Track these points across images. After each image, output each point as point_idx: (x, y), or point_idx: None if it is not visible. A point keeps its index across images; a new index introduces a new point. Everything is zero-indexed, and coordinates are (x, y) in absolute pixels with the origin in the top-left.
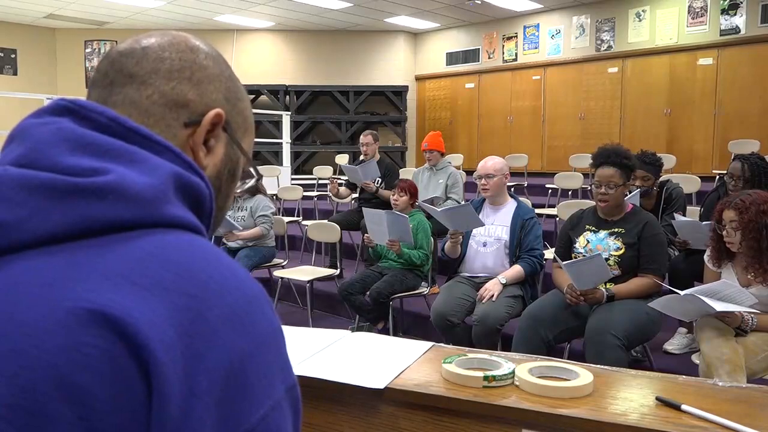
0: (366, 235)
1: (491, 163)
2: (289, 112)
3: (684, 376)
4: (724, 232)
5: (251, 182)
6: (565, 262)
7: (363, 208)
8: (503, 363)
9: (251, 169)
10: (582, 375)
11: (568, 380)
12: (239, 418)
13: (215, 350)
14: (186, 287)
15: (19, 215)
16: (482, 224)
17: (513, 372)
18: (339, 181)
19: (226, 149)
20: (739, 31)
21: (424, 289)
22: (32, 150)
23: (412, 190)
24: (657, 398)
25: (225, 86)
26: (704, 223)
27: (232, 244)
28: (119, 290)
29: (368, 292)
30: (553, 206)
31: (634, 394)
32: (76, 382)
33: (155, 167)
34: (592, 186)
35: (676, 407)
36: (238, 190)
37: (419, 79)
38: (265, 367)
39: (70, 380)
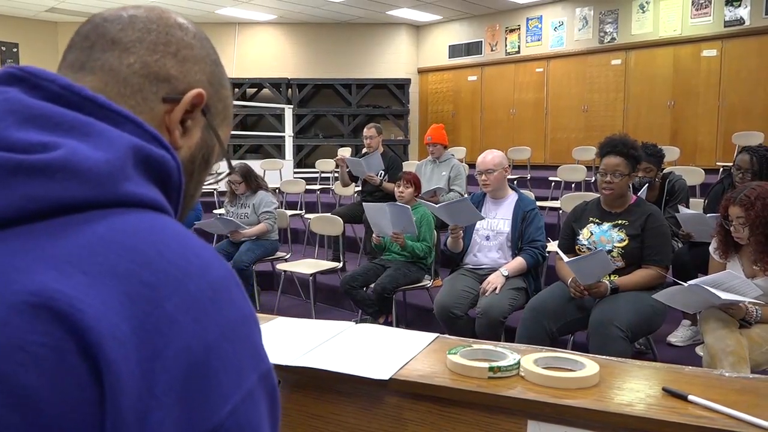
0: (374, 235)
1: (490, 157)
2: (292, 106)
3: (690, 367)
4: (732, 228)
5: (223, 175)
6: (567, 260)
7: (363, 203)
8: (508, 354)
9: (226, 162)
10: (588, 365)
11: (574, 371)
12: (206, 414)
13: (174, 344)
14: (142, 275)
15: None
16: (482, 218)
17: (518, 363)
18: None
19: (202, 133)
20: (744, 23)
21: (427, 282)
22: None
23: (416, 183)
24: (664, 389)
25: (210, 69)
26: (709, 215)
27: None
28: (67, 280)
29: (372, 286)
30: (556, 199)
31: (640, 384)
32: (22, 384)
33: (112, 140)
34: (598, 175)
35: (683, 398)
36: (211, 181)
37: (422, 71)
38: (233, 357)
39: (15, 382)
